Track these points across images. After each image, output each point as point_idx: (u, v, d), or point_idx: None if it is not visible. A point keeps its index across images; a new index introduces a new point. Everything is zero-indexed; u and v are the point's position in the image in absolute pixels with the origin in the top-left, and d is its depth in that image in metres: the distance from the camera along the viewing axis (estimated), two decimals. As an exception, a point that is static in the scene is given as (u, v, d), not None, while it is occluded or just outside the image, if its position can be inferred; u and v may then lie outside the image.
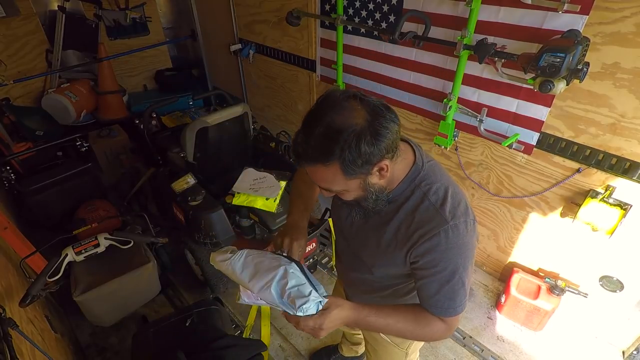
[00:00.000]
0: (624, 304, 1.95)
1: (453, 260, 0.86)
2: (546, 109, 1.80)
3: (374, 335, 1.30)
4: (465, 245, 0.87)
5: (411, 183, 0.90)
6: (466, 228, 0.87)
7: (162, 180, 2.33)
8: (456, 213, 0.86)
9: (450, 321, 0.92)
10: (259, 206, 2.00)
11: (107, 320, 2.06)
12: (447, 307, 0.89)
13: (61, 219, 2.59)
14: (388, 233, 0.93)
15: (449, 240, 0.85)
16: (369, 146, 0.75)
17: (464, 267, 0.87)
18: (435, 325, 0.92)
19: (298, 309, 0.80)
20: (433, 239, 0.85)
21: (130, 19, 4.10)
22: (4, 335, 1.11)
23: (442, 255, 0.85)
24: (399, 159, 0.86)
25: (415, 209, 0.88)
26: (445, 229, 0.84)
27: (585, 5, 1.50)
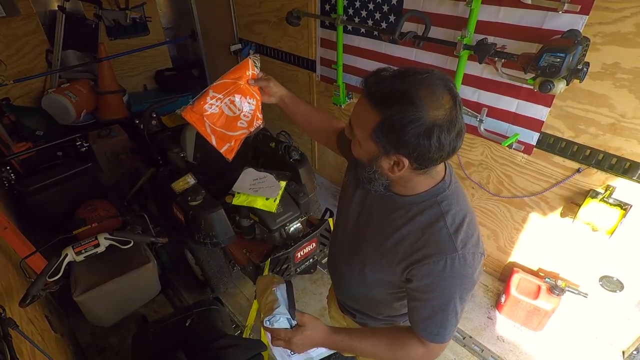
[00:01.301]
0: (624, 304, 1.95)
1: (452, 290, 0.84)
2: (546, 109, 1.80)
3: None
4: (468, 277, 0.84)
5: (432, 197, 0.85)
6: (473, 260, 0.84)
7: (162, 180, 2.32)
8: (467, 244, 0.83)
9: (434, 348, 0.90)
10: (259, 206, 2.00)
11: (107, 320, 2.06)
12: (436, 334, 0.87)
13: (61, 219, 2.59)
14: (394, 238, 0.89)
15: (454, 269, 0.82)
16: (408, 134, 0.71)
17: (461, 298, 0.85)
18: (414, 350, 0.90)
19: (264, 320, 0.91)
20: (438, 264, 0.82)
21: (130, 19, 4.10)
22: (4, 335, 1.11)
23: (442, 282, 0.83)
24: (426, 176, 0.83)
25: (428, 225, 0.85)
26: (452, 257, 0.81)
27: (585, 5, 1.50)
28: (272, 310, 0.91)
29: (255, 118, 1.15)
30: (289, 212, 2.07)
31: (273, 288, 0.97)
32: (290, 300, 0.94)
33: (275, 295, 0.95)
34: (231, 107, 1.12)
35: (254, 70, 1.16)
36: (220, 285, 2.31)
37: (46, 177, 2.60)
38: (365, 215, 0.99)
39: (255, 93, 1.14)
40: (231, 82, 1.09)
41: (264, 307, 0.95)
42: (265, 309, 0.94)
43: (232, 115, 1.12)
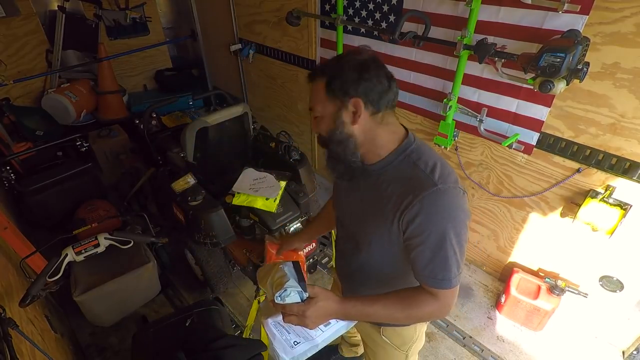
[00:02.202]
0: (624, 304, 1.95)
1: (441, 224, 0.84)
2: (546, 109, 1.80)
3: (373, 337, 1.28)
4: (455, 209, 0.86)
5: (402, 154, 0.92)
6: (455, 193, 0.86)
7: (162, 180, 2.32)
8: (447, 179, 0.87)
9: (444, 296, 0.89)
10: (259, 206, 2.00)
11: (107, 320, 2.06)
12: (442, 278, 0.87)
13: (61, 219, 2.59)
14: (384, 202, 0.93)
15: (438, 202, 0.84)
16: (352, 75, 0.84)
17: (455, 233, 0.85)
18: (426, 303, 0.90)
19: (275, 296, 0.89)
20: (423, 201, 0.85)
21: (130, 19, 4.10)
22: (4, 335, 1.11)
23: (431, 218, 0.85)
24: (387, 127, 0.91)
25: (407, 176, 0.90)
26: (434, 191, 0.84)
27: (585, 5, 1.50)
28: (281, 285, 0.89)
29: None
30: (289, 212, 2.07)
31: (280, 265, 0.96)
32: (299, 275, 0.93)
33: (283, 271, 0.93)
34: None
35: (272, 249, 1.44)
36: (220, 285, 2.31)
37: (46, 177, 2.60)
38: (358, 205, 1.03)
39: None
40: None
41: (273, 284, 0.92)
42: (275, 285, 0.91)
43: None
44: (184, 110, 3.27)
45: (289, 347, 0.94)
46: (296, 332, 0.96)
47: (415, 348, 1.30)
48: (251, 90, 3.90)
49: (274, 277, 0.94)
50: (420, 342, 1.32)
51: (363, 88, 0.85)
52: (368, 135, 0.91)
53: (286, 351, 0.94)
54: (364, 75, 0.84)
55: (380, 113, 0.89)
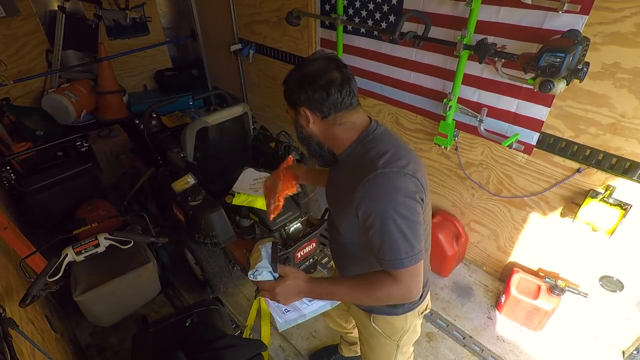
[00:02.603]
0: (624, 304, 1.95)
1: (382, 206, 0.88)
2: (546, 109, 1.80)
3: (365, 325, 1.30)
4: (392, 191, 0.89)
5: (358, 144, 1.00)
6: (398, 176, 0.90)
7: (162, 180, 2.32)
8: (390, 164, 0.91)
9: (400, 276, 0.91)
10: (259, 206, 2.00)
11: (107, 320, 2.06)
12: (393, 259, 0.90)
13: (61, 219, 2.59)
14: (343, 189, 1.01)
15: (376, 186, 0.89)
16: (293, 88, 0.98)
17: (398, 214, 0.88)
18: (385, 284, 0.93)
19: (249, 274, 1.01)
20: (365, 186, 0.90)
21: (130, 19, 4.10)
22: (4, 335, 1.11)
23: (372, 201, 0.90)
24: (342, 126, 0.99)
25: (357, 163, 0.97)
26: (374, 175, 0.89)
27: (585, 5, 1.50)
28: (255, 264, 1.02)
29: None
30: (289, 212, 2.07)
31: (259, 246, 1.08)
32: (273, 255, 1.04)
33: (260, 252, 1.06)
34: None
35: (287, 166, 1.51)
36: (220, 285, 2.31)
37: (46, 177, 2.60)
38: (333, 191, 1.13)
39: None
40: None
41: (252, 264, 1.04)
42: (252, 264, 1.04)
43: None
44: (184, 110, 3.27)
45: (282, 312, 1.07)
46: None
47: (407, 339, 1.32)
48: (251, 90, 3.90)
49: (254, 256, 1.07)
50: (413, 334, 1.33)
51: (304, 99, 0.96)
52: (327, 133, 1.01)
53: (279, 315, 1.07)
54: (302, 89, 0.96)
55: (330, 116, 0.97)
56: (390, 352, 1.35)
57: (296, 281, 0.99)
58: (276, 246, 1.07)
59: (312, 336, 2.18)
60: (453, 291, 2.45)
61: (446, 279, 2.52)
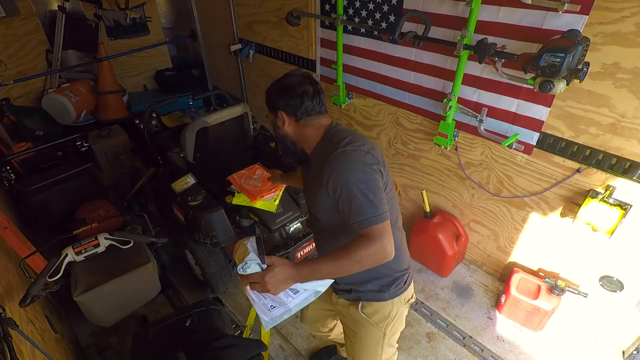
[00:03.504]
0: (624, 304, 1.95)
1: (344, 176, 1.04)
2: (546, 109, 1.80)
3: (354, 316, 1.35)
4: (353, 162, 1.06)
5: (324, 140, 1.18)
6: (355, 152, 1.07)
7: (162, 180, 2.32)
8: (349, 145, 1.09)
9: (372, 234, 1.00)
10: (259, 206, 2.00)
11: (107, 320, 2.06)
12: (362, 220, 1.01)
13: (61, 219, 2.59)
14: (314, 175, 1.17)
15: (339, 160, 1.06)
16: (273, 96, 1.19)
17: (359, 180, 1.03)
18: (363, 245, 1.00)
19: (237, 268, 1.06)
20: (330, 163, 1.07)
21: (130, 19, 4.10)
22: (4, 335, 1.11)
23: (336, 174, 1.05)
24: (311, 128, 1.19)
25: (323, 152, 1.14)
26: (336, 154, 1.07)
27: (585, 5, 1.50)
28: (243, 259, 1.06)
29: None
30: (289, 212, 2.07)
31: (244, 241, 1.13)
32: (259, 249, 1.08)
33: (246, 246, 1.10)
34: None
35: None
36: (220, 285, 2.31)
37: (46, 177, 2.60)
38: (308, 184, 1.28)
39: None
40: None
41: (238, 259, 1.09)
42: (239, 260, 1.08)
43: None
44: (184, 110, 3.27)
45: (267, 310, 1.08)
46: (271, 298, 1.09)
47: (394, 328, 1.37)
48: (251, 90, 3.90)
49: (239, 252, 1.11)
50: (399, 323, 1.38)
51: (282, 104, 1.17)
52: (298, 134, 1.21)
53: (265, 313, 1.08)
54: (281, 96, 1.17)
55: (302, 120, 1.17)
56: (377, 341, 1.38)
57: (283, 267, 1.04)
58: (261, 240, 1.12)
59: (312, 336, 2.18)
60: (453, 291, 2.45)
61: (446, 279, 2.52)
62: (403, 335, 2.15)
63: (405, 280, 1.29)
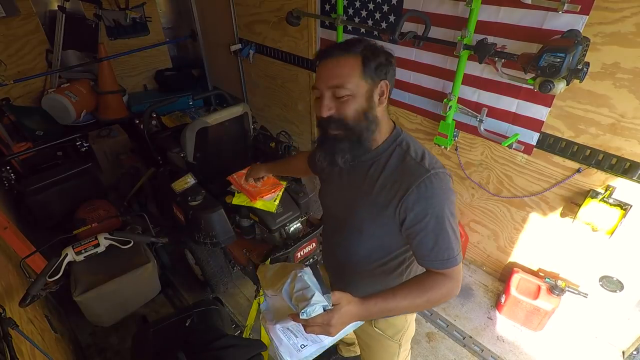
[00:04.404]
0: (624, 304, 1.95)
1: (440, 206, 0.90)
2: (546, 109, 1.80)
3: (367, 330, 1.29)
4: (447, 191, 0.92)
5: (393, 142, 0.99)
6: (445, 177, 0.93)
7: (162, 180, 2.32)
8: (435, 165, 0.93)
9: (453, 273, 0.93)
10: (259, 206, 2.00)
11: (107, 320, 2.06)
12: (448, 258, 0.91)
13: (61, 219, 2.59)
14: (377, 188, 0.97)
15: (434, 186, 0.90)
16: (383, 58, 0.91)
17: (450, 212, 0.91)
18: (441, 284, 0.92)
19: (301, 312, 0.81)
20: (419, 188, 0.90)
21: (130, 19, 4.10)
22: (4, 335, 1.11)
23: (430, 202, 0.90)
24: (387, 116, 0.99)
25: (399, 164, 0.96)
26: (428, 176, 0.90)
27: (585, 5, 1.50)
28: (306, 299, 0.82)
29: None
30: (289, 212, 2.07)
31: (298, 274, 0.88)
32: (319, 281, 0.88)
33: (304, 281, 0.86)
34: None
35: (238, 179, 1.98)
36: (220, 285, 2.31)
37: (46, 177, 2.60)
38: (347, 190, 1.07)
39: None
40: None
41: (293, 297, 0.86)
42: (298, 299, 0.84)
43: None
44: (184, 110, 3.27)
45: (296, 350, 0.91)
46: (304, 336, 0.91)
47: (407, 336, 1.33)
48: (251, 90, 3.90)
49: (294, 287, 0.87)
50: (411, 330, 1.35)
51: (390, 73, 0.93)
52: (382, 118, 0.97)
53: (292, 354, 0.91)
54: (391, 60, 0.92)
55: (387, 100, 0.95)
56: (393, 352, 1.35)
57: (349, 306, 0.85)
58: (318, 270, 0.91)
59: (312, 336, 2.18)
60: (453, 291, 2.45)
61: (446, 279, 2.51)
62: (403, 335, 2.15)
63: None
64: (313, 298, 0.82)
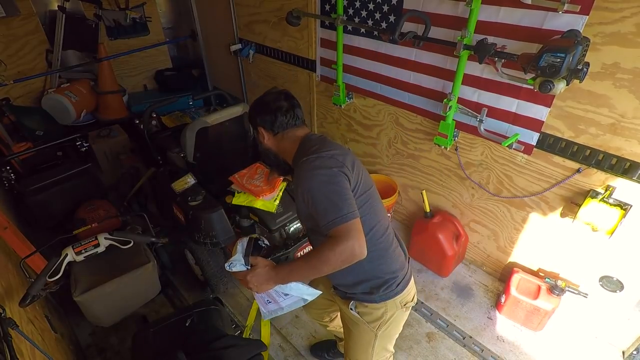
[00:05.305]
0: (624, 304, 1.95)
1: (309, 182, 1.10)
2: (546, 109, 1.80)
3: (347, 313, 1.37)
4: (316, 169, 1.11)
5: (299, 150, 1.25)
6: (317, 159, 1.12)
7: (162, 180, 2.32)
8: (312, 154, 1.14)
9: (337, 233, 1.03)
10: (259, 206, 2.00)
11: (107, 320, 2.06)
12: (326, 223, 1.05)
13: (61, 219, 2.59)
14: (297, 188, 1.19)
15: (303, 168, 1.13)
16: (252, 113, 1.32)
17: (322, 184, 1.08)
18: (329, 245, 1.04)
19: (225, 265, 1.19)
20: (297, 173, 1.15)
21: (130, 19, 4.10)
22: (4, 335, 1.11)
23: (302, 183, 1.11)
24: (289, 140, 1.28)
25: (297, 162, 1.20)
26: (301, 162, 1.14)
27: (585, 5, 1.50)
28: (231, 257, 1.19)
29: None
30: (289, 212, 2.07)
31: (237, 242, 1.24)
32: (247, 249, 1.21)
33: (236, 247, 1.22)
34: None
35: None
36: (220, 285, 2.31)
37: (46, 177, 2.60)
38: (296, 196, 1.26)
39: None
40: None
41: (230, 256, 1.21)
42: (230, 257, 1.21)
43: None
44: (184, 110, 3.27)
45: (264, 303, 1.25)
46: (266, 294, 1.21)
47: (387, 331, 1.36)
48: (251, 90, 3.90)
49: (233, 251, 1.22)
50: (394, 327, 1.38)
51: (260, 121, 1.29)
52: (278, 147, 1.32)
53: (263, 306, 1.26)
54: (258, 114, 1.29)
55: (279, 134, 1.28)
56: (369, 341, 1.39)
57: (264, 269, 1.14)
58: (252, 241, 1.24)
59: (312, 336, 2.19)
60: (453, 291, 2.45)
61: (446, 279, 2.52)
62: (403, 335, 2.15)
63: (397, 282, 1.28)
64: (233, 257, 1.18)
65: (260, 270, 1.14)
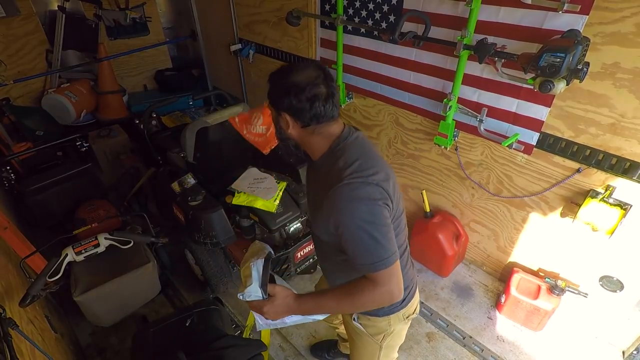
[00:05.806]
0: (624, 304, 1.95)
1: (349, 216, 0.93)
2: (546, 109, 1.80)
3: (350, 324, 1.33)
4: (359, 200, 0.93)
5: (332, 153, 1.03)
6: (360, 186, 0.93)
7: (162, 180, 2.32)
8: (354, 174, 0.94)
9: (378, 279, 0.94)
10: (259, 206, 2.00)
11: (107, 320, 2.06)
12: (369, 263, 0.93)
13: (61, 219, 2.59)
14: (319, 194, 1.03)
15: (342, 196, 0.93)
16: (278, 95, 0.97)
17: (364, 221, 0.92)
18: (366, 289, 0.95)
19: (239, 294, 1.05)
20: (332, 197, 0.94)
21: (130, 19, 4.10)
22: (4, 335, 1.11)
23: (340, 212, 0.94)
24: (320, 136, 1.02)
25: (329, 172, 1.00)
26: (340, 186, 0.93)
27: (585, 5, 1.50)
28: (245, 286, 1.04)
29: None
30: (289, 212, 2.07)
31: (251, 263, 1.07)
32: (264, 276, 1.05)
33: (250, 270, 1.05)
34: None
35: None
36: (220, 285, 2.31)
37: (46, 177, 2.60)
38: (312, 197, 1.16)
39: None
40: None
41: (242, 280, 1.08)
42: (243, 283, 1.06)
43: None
44: (184, 110, 3.27)
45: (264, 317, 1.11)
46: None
47: (391, 343, 1.34)
48: (251, 90, 3.90)
49: (245, 273, 1.07)
50: (397, 338, 1.36)
51: (287, 108, 0.97)
52: (304, 140, 1.05)
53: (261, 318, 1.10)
54: (287, 97, 0.95)
55: (310, 127, 1.00)
56: (373, 352, 1.37)
57: (285, 300, 1.03)
58: (268, 263, 1.08)
59: (312, 336, 2.19)
60: (453, 291, 2.45)
61: (446, 279, 2.52)
62: (403, 335, 2.15)
63: (404, 298, 1.20)
64: (249, 288, 1.03)
65: (280, 302, 1.03)
